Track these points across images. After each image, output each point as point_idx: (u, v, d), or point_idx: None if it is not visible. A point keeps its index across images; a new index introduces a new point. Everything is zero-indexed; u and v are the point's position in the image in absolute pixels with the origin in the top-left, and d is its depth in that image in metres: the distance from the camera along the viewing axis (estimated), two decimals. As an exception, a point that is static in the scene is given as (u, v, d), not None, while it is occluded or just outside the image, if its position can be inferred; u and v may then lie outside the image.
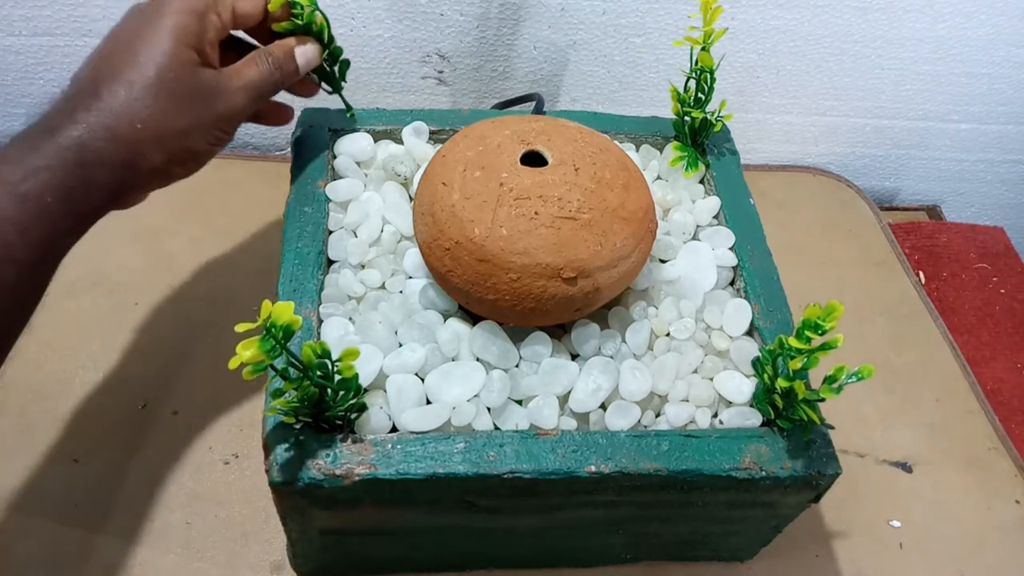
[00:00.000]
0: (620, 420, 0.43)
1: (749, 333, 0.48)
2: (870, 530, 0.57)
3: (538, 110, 0.59)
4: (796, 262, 0.58)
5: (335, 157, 0.53)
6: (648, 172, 0.56)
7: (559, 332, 0.47)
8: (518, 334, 0.45)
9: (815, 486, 0.43)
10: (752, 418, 0.44)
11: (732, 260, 0.51)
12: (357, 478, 0.39)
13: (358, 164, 0.53)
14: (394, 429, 0.42)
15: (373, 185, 0.52)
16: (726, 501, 0.44)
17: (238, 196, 0.69)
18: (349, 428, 0.41)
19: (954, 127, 0.84)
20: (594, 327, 0.46)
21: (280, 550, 0.51)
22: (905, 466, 0.61)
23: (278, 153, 0.78)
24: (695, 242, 0.52)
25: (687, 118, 0.55)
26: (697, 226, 0.53)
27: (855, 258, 0.76)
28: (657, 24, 0.71)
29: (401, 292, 0.48)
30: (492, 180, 0.43)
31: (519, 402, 0.44)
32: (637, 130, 0.58)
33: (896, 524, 0.58)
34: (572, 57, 0.74)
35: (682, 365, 0.46)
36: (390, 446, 0.40)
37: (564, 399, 0.44)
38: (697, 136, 0.56)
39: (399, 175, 0.52)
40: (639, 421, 0.44)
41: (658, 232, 0.49)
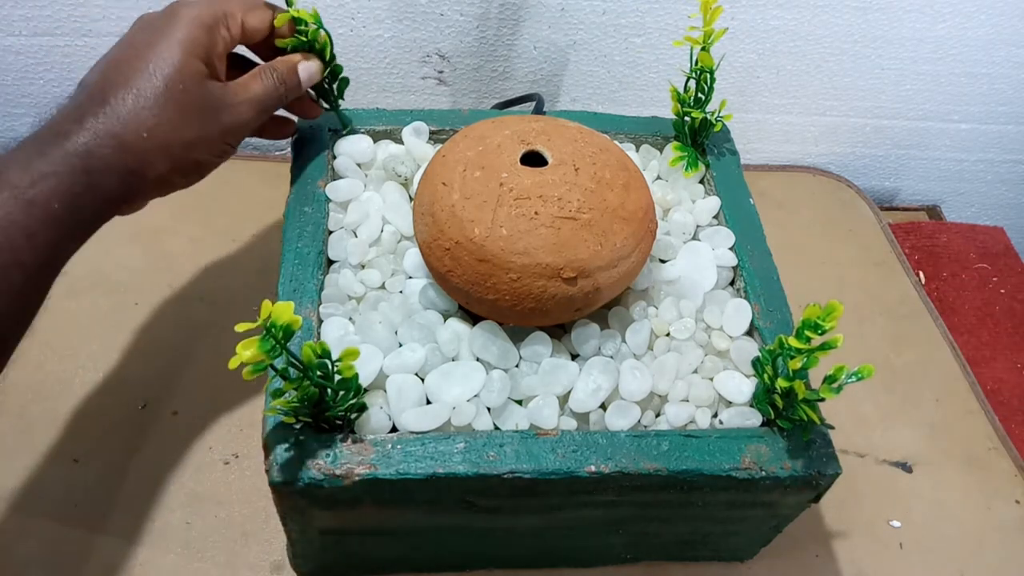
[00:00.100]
0: (620, 420, 0.43)
1: (749, 333, 0.48)
2: (870, 530, 0.57)
3: (538, 110, 0.59)
4: (796, 262, 0.57)
5: (335, 157, 0.53)
6: (648, 172, 0.56)
7: (559, 332, 0.47)
8: (518, 334, 0.45)
9: (815, 486, 0.43)
10: (752, 418, 0.44)
11: (732, 260, 0.51)
12: (357, 478, 0.39)
13: (358, 164, 0.53)
14: (394, 429, 0.42)
15: (373, 185, 0.52)
16: (726, 501, 0.44)
17: (238, 196, 0.69)
18: (349, 428, 0.41)
19: (954, 127, 0.84)
20: (594, 327, 0.46)
21: (280, 550, 0.51)
22: (905, 466, 0.61)
23: (278, 153, 0.78)
24: (695, 242, 0.52)
25: (687, 118, 0.55)
26: (697, 226, 0.53)
27: (855, 258, 0.76)
28: (657, 24, 0.71)
29: (401, 292, 0.48)
30: (492, 180, 0.43)
31: (519, 402, 0.44)
32: (637, 130, 0.58)
33: (896, 524, 0.58)
34: (572, 57, 0.74)
35: (682, 365, 0.46)
36: (390, 446, 0.40)
37: (564, 399, 0.44)
38: (697, 136, 0.56)
39: (399, 175, 0.52)
40: (639, 421, 0.44)
41: (658, 232, 0.49)
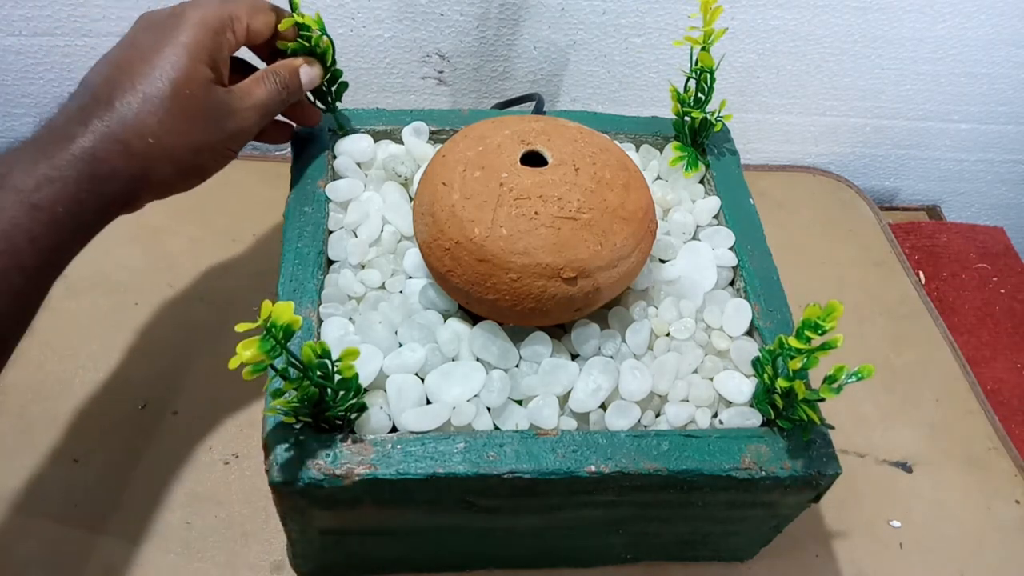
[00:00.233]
0: (620, 420, 0.43)
1: (749, 333, 0.48)
2: (870, 530, 0.57)
3: (538, 110, 0.59)
4: (796, 262, 0.57)
5: (335, 157, 0.53)
6: (648, 172, 0.56)
7: (559, 332, 0.47)
8: (518, 334, 0.45)
9: (815, 486, 0.43)
10: (752, 418, 0.44)
11: (732, 260, 0.51)
12: (357, 478, 0.39)
13: (358, 164, 0.53)
14: (394, 429, 0.42)
15: (373, 185, 0.52)
16: (726, 501, 0.44)
17: (238, 196, 0.69)
18: (349, 428, 0.41)
19: (954, 127, 0.84)
20: (594, 327, 0.46)
21: (280, 550, 0.51)
22: (905, 466, 0.61)
23: (278, 153, 0.78)
24: (695, 242, 0.52)
25: (687, 118, 0.55)
26: (697, 226, 0.53)
27: (855, 258, 0.76)
28: (657, 24, 0.71)
29: (401, 292, 0.48)
30: (492, 180, 0.43)
31: (519, 402, 0.44)
32: (637, 130, 0.58)
33: (896, 524, 0.58)
34: (572, 57, 0.74)
35: (682, 365, 0.46)
36: (390, 446, 0.40)
37: (564, 399, 0.44)
38: (697, 136, 0.56)
39: (399, 175, 0.52)
40: (639, 421, 0.44)
41: (658, 232, 0.49)
